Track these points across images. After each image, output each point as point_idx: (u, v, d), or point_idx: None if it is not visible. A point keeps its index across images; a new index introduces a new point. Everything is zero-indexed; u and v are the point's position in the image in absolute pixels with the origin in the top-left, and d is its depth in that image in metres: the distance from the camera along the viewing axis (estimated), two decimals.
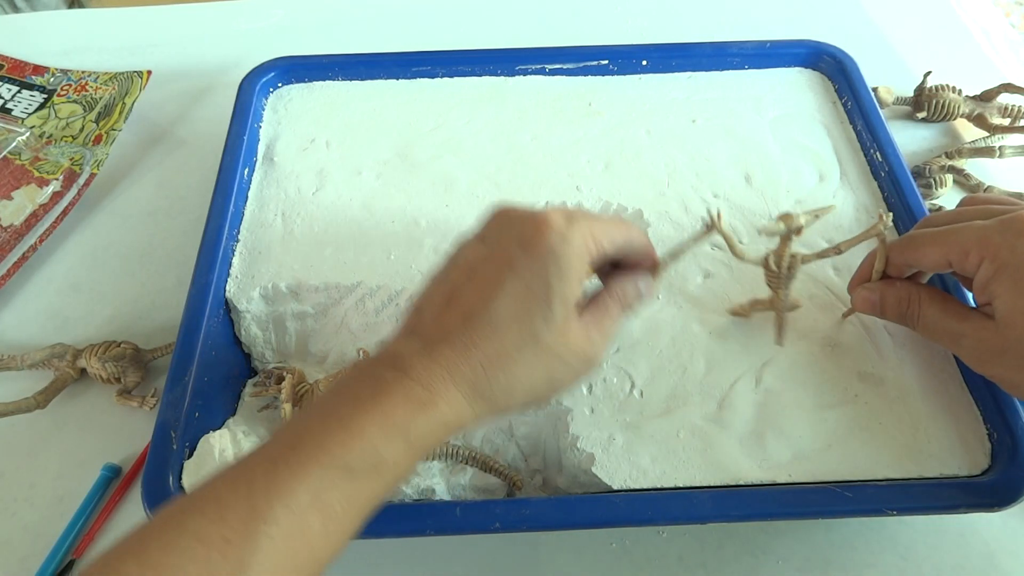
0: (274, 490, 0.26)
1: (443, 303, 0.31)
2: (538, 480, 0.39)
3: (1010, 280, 0.32)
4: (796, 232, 0.36)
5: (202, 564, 0.24)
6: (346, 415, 0.28)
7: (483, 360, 0.30)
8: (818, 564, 0.39)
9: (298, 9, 0.71)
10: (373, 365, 0.30)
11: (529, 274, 0.31)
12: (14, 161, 0.53)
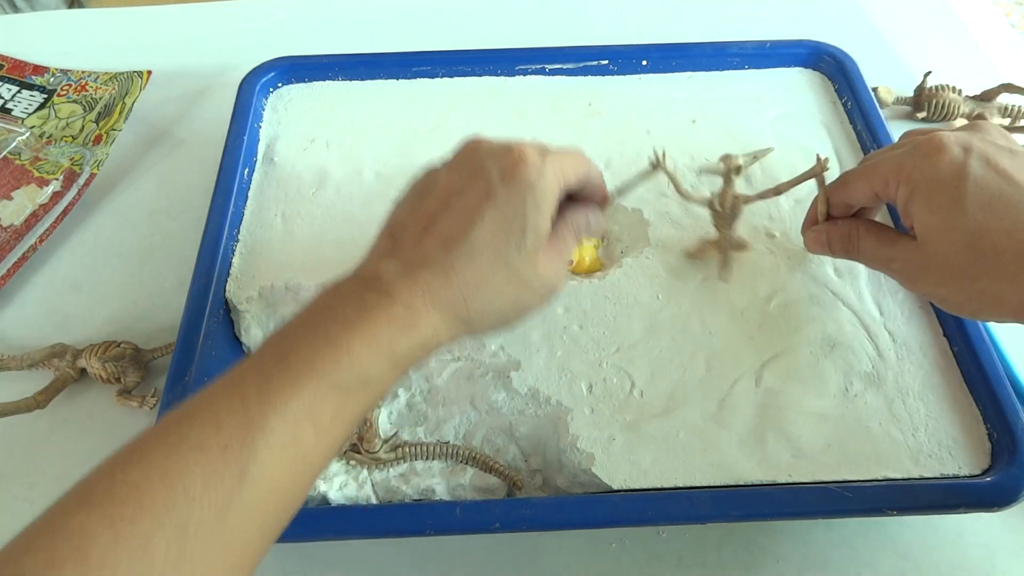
0: (268, 403, 0.27)
1: (421, 229, 0.33)
2: (538, 480, 0.39)
3: (922, 199, 0.33)
4: (735, 172, 0.38)
5: (204, 470, 0.25)
6: (334, 334, 0.29)
7: (461, 285, 0.31)
8: (818, 564, 0.39)
9: (298, 9, 0.70)
10: (354, 286, 0.31)
11: (508, 206, 0.32)
12: (14, 161, 0.53)
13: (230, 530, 0.25)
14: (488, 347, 0.41)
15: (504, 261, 0.32)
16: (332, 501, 0.37)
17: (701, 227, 0.46)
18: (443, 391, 0.40)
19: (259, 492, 0.26)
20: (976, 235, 0.32)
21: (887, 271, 0.38)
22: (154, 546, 0.23)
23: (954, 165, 0.33)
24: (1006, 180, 0.32)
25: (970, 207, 0.32)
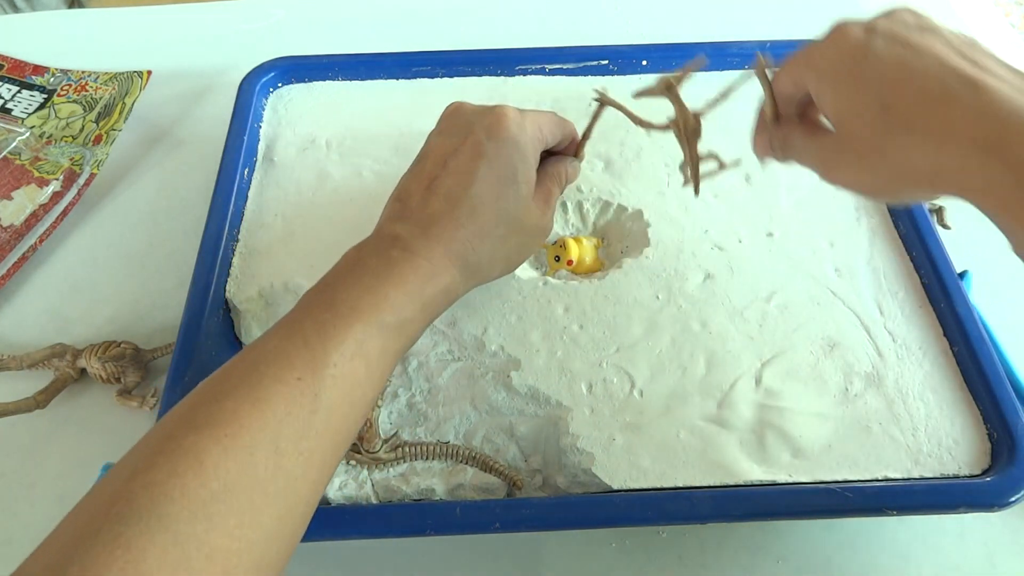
0: (329, 342, 0.30)
1: (424, 191, 0.36)
2: (538, 480, 0.39)
3: (829, 85, 0.33)
4: (669, 88, 0.39)
5: (285, 398, 0.28)
6: (371, 284, 0.33)
7: (469, 236, 0.35)
8: (818, 564, 0.39)
9: (298, 9, 0.71)
10: (378, 246, 0.35)
11: (498, 160, 0.36)
12: (14, 161, 0.53)
13: (311, 447, 0.29)
14: (488, 347, 0.41)
15: (503, 211, 0.36)
16: (332, 501, 0.37)
17: (700, 225, 0.46)
18: (443, 391, 0.40)
19: (328, 416, 0.29)
20: (881, 109, 0.31)
21: (812, 163, 0.37)
22: (256, 458, 0.27)
23: (856, 45, 0.32)
24: (912, 51, 0.31)
25: (872, 83, 0.31)
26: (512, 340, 0.41)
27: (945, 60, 0.30)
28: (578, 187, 0.48)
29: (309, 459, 0.28)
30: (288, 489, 0.27)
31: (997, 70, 0.30)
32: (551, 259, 0.46)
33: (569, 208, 0.48)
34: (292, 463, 0.28)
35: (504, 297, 0.43)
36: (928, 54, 0.31)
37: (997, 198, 0.28)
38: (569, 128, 0.41)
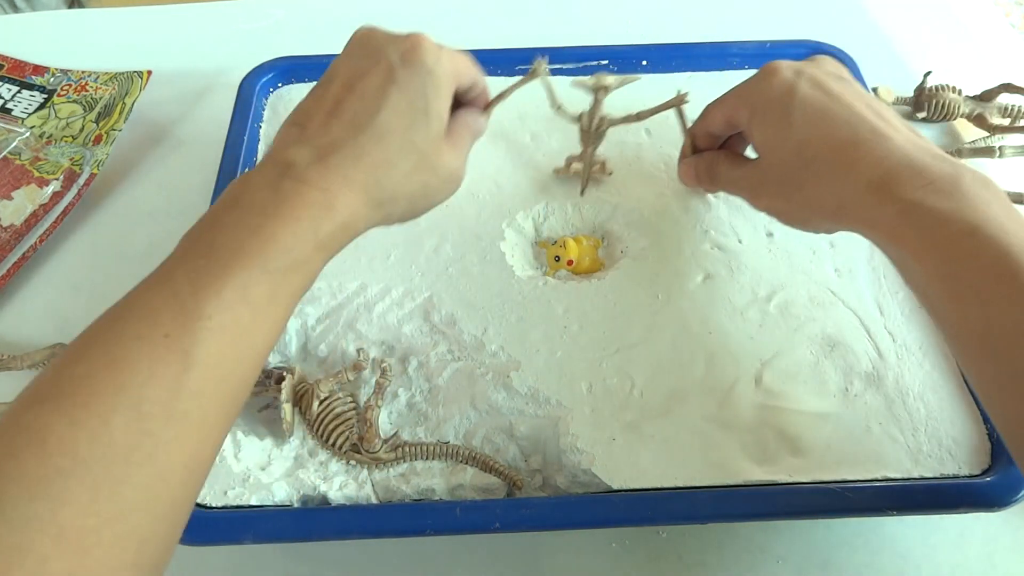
0: (201, 292, 0.27)
1: (327, 115, 0.33)
2: (538, 480, 0.39)
3: (759, 118, 0.37)
4: (603, 90, 0.41)
5: (150, 358, 0.26)
6: (255, 224, 0.29)
7: (372, 166, 0.33)
8: (818, 564, 0.39)
9: (298, 9, 0.70)
10: (268, 175, 0.31)
11: (410, 88, 0.34)
12: (14, 161, 0.53)
13: (185, 409, 0.26)
14: (488, 347, 0.41)
15: (411, 143, 0.34)
16: (332, 501, 0.37)
17: (700, 225, 0.46)
18: (443, 391, 0.40)
19: (207, 373, 0.26)
20: (801, 145, 0.34)
21: (738, 192, 0.41)
22: (112, 426, 0.24)
23: (785, 85, 0.35)
24: (829, 97, 0.35)
25: (796, 121, 0.35)
26: (512, 340, 0.41)
27: (856, 109, 0.34)
28: (578, 187, 0.48)
29: (184, 420, 0.26)
30: (158, 454, 0.25)
31: (896, 123, 0.34)
32: (551, 259, 0.46)
33: (569, 208, 0.48)
34: (160, 426, 0.25)
35: (504, 297, 0.43)
36: (844, 103, 0.34)
37: (884, 230, 0.32)
38: (482, 77, 0.39)
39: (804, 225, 0.38)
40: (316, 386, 0.39)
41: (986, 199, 0.30)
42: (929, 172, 0.31)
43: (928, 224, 0.30)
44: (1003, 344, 0.28)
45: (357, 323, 0.42)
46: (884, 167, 0.32)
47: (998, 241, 0.28)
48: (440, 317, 0.42)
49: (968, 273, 0.29)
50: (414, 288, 0.43)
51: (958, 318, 0.30)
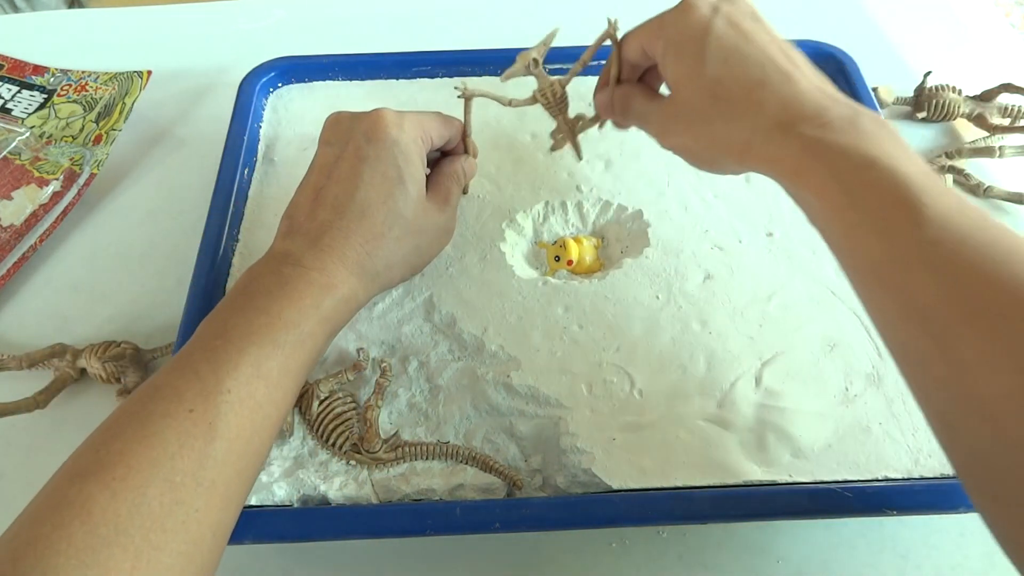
0: (221, 370, 0.30)
1: (311, 204, 0.36)
2: (538, 480, 0.39)
3: (674, 52, 0.36)
4: (533, 63, 0.41)
5: (177, 432, 0.28)
6: (263, 305, 0.32)
7: (361, 242, 0.35)
8: (818, 564, 0.39)
9: (298, 9, 0.70)
10: (270, 266, 0.35)
11: (380, 162, 0.36)
12: (14, 161, 0.53)
13: (212, 478, 0.28)
14: (488, 347, 0.41)
15: (394, 212, 0.37)
16: (332, 501, 0.37)
17: (700, 225, 0.46)
18: (443, 391, 0.40)
19: (229, 444, 0.29)
20: (713, 82, 0.35)
21: (649, 127, 0.41)
22: (149, 496, 0.26)
23: (701, 21, 0.35)
24: (743, 37, 0.35)
25: (710, 58, 0.35)
26: (512, 340, 0.41)
27: (768, 51, 0.34)
28: (578, 187, 0.48)
29: (212, 489, 0.28)
30: (190, 522, 0.27)
31: (805, 68, 0.35)
32: (551, 259, 0.46)
33: (569, 208, 0.48)
34: (191, 495, 0.27)
35: (504, 297, 0.43)
36: (757, 43, 0.35)
37: (787, 167, 0.32)
38: (456, 126, 0.42)
39: (711, 165, 0.38)
40: (316, 386, 0.39)
41: (882, 136, 0.31)
42: (830, 112, 0.32)
43: (828, 159, 0.31)
44: (897, 271, 0.28)
45: (357, 323, 0.42)
46: (790, 107, 0.33)
47: (894, 172, 0.29)
48: (440, 317, 0.42)
49: (866, 203, 0.29)
50: (414, 288, 0.43)
51: (856, 249, 0.30)
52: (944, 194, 0.28)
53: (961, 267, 0.27)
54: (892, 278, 0.28)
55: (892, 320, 0.29)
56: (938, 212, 0.28)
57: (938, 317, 0.27)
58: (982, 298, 0.26)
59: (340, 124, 0.39)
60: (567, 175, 0.49)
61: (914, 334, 0.28)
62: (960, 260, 0.27)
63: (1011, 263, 0.26)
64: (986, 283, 0.26)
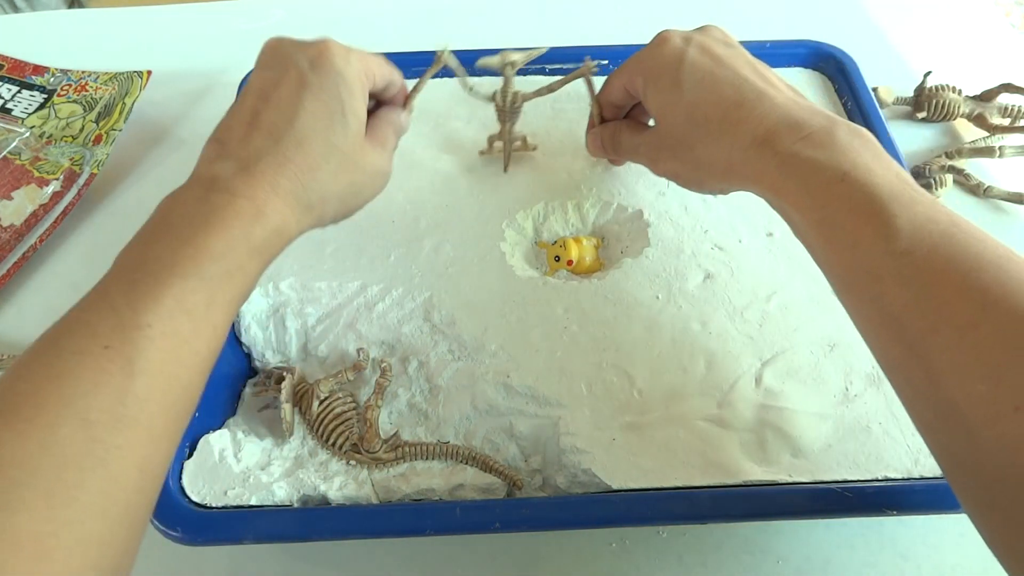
0: (139, 303, 0.28)
1: (246, 128, 0.34)
2: (538, 480, 0.39)
3: (653, 84, 0.38)
4: (510, 66, 0.42)
5: (91, 370, 0.26)
6: (187, 236, 0.30)
7: (296, 171, 0.34)
8: (818, 564, 0.39)
9: (298, 9, 0.71)
10: (195, 191, 0.32)
11: (323, 92, 0.35)
12: (14, 161, 0.53)
13: (132, 415, 0.26)
14: (488, 347, 0.41)
15: (332, 145, 0.35)
16: (332, 501, 0.37)
17: (700, 225, 0.46)
18: (443, 391, 0.40)
19: (151, 380, 0.27)
20: (691, 107, 0.36)
21: (639, 158, 0.42)
22: (60, 435, 0.25)
23: (675, 52, 0.37)
24: (717, 62, 0.36)
25: (686, 85, 0.36)
26: (512, 340, 0.41)
27: (741, 73, 0.36)
28: (578, 187, 0.48)
29: (134, 426, 0.26)
30: (109, 459, 0.25)
31: (779, 85, 0.36)
32: (551, 259, 0.46)
33: (569, 208, 0.48)
34: (108, 433, 0.26)
35: (504, 297, 0.43)
36: (729, 67, 0.36)
37: (768, 183, 0.33)
38: (398, 75, 0.41)
39: (700, 186, 0.39)
40: (316, 386, 0.39)
41: (857, 147, 0.31)
42: (806, 126, 0.32)
43: (804, 173, 0.31)
44: (872, 283, 0.29)
45: (357, 323, 0.42)
46: (766, 124, 0.33)
47: (865, 184, 0.30)
48: (440, 317, 0.42)
49: (839, 216, 0.30)
50: (414, 288, 0.43)
51: (834, 261, 0.31)
52: (915, 203, 0.29)
53: (930, 277, 0.27)
54: (867, 289, 0.29)
55: (872, 329, 0.30)
56: (909, 222, 0.28)
57: (911, 326, 0.27)
58: (951, 307, 0.26)
59: (281, 48, 0.37)
60: (567, 175, 0.49)
61: (891, 343, 0.29)
62: (929, 270, 0.27)
63: (979, 271, 0.27)
64: (954, 292, 0.27)
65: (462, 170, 0.49)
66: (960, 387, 0.26)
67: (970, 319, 0.26)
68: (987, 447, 0.25)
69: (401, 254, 0.45)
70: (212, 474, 0.36)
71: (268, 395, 0.40)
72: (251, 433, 0.39)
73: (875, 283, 0.29)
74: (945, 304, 0.27)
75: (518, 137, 0.47)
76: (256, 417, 0.41)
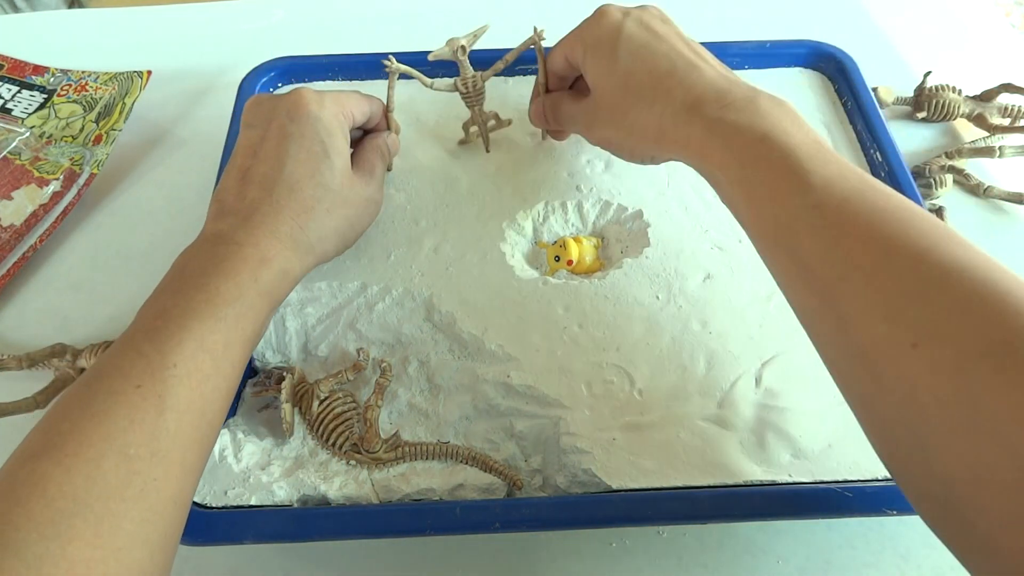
0: (165, 346, 0.30)
1: (240, 184, 0.37)
2: (538, 480, 0.39)
3: (592, 55, 0.40)
4: (461, 50, 0.43)
5: (127, 408, 0.28)
6: (200, 283, 0.33)
7: (292, 216, 0.37)
8: (818, 564, 0.39)
9: (298, 9, 0.71)
10: (203, 247, 0.35)
11: (304, 138, 0.38)
12: (14, 161, 0.53)
13: (166, 449, 0.29)
14: (488, 347, 0.41)
15: (321, 185, 0.38)
16: (332, 501, 0.37)
17: (700, 225, 0.46)
18: (443, 391, 0.40)
19: (180, 416, 0.29)
20: (627, 75, 0.38)
21: (577, 126, 0.44)
22: (104, 468, 0.27)
23: (614, 24, 0.40)
24: (653, 35, 0.39)
25: (623, 55, 0.39)
26: (512, 340, 0.41)
27: (675, 47, 0.38)
28: (578, 187, 0.48)
29: (167, 459, 0.28)
30: (148, 490, 0.27)
31: (710, 60, 0.38)
32: (551, 259, 0.46)
33: (569, 208, 0.48)
34: (146, 466, 0.28)
35: (504, 297, 0.43)
36: (664, 40, 0.39)
37: (695, 147, 0.35)
38: (376, 105, 0.44)
39: (632, 153, 0.41)
40: (316, 386, 0.39)
41: (777, 114, 0.33)
42: (731, 94, 0.35)
43: (727, 135, 0.34)
44: (788, 235, 0.31)
45: (357, 323, 0.42)
46: (695, 92, 0.36)
47: (782, 145, 0.32)
48: (440, 317, 0.42)
49: (759, 174, 0.32)
50: (414, 288, 0.43)
51: (754, 217, 0.33)
52: (828, 163, 0.31)
53: (840, 228, 0.29)
54: (784, 241, 0.31)
55: (789, 281, 0.32)
56: (821, 178, 0.30)
57: (822, 275, 0.29)
58: (858, 255, 0.28)
59: (261, 106, 0.40)
60: (567, 175, 0.49)
61: (805, 293, 0.31)
62: (839, 221, 0.29)
63: (883, 222, 0.28)
64: (861, 241, 0.28)
65: (462, 170, 0.49)
66: (865, 329, 0.27)
67: (874, 265, 0.28)
68: (890, 386, 0.27)
69: (401, 254, 0.45)
70: (212, 474, 0.36)
71: (268, 395, 0.40)
72: (251, 433, 0.39)
73: (790, 235, 0.30)
74: (852, 252, 0.28)
75: (490, 116, 0.48)
76: (256, 417, 0.41)
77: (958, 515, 0.25)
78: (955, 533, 0.27)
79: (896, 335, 0.26)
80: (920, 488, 0.27)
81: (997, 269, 0.26)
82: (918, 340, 0.26)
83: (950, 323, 0.25)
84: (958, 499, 0.25)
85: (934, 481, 0.26)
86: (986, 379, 0.24)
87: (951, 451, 0.25)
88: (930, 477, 0.26)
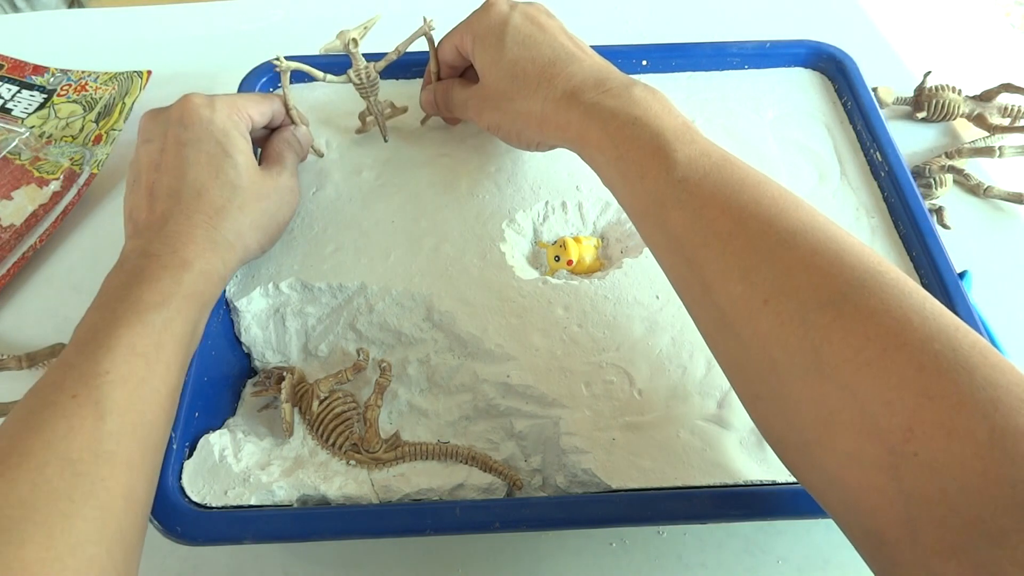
0: (96, 355, 0.31)
1: (149, 199, 0.38)
2: (538, 480, 0.39)
3: (480, 44, 0.42)
4: (352, 42, 0.43)
5: (66, 416, 0.29)
6: (124, 295, 0.33)
7: (204, 219, 0.37)
8: (818, 564, 0.39)
9: (298, 9, 0.71)
10: (124, 265, 0.35)
11: (201, 142, 0.38)
12: (14, 161, 0.53)
13: (110, 450, 0.29)
14: (488, 346, 0.41)
15: (229, 184, 0.38)
16: (332, 501, 0.37)
17: None
18: (443, 391, 0.40)
19: (122, 418, 0.30)
20: (512, 64, 0.40)
21: (467, 112, 0.46)
22: (48, 475, 0.27)
23: (501, 15, 0.42)
24: (538, 27, 0.41)
25: (509, 45, 0.41)
26: (512, 340, 0.41)
27: (558, 39, 0.41)
28: (578, 187, 0.48)
29: (112, 460, 0.29)
30: (97, 489, 0.28)
31: (590, 52, 0.41)
32: (551, 259, 0.46)
33: (569, 208, 0.48)
34: (91, 468, 0.28)
35: (504, 297, 0.43)
36: (548, 32, 0.41)
37: (574, 131, 0.37)
38: (276, 103, 0.44)
39: (518, 138, 0.43)
40: (316, 386, 0.39)
41: (648, 99, 0.36)
42: (608, 82, 0.37)
43: (603, 118, 0.36)
44: (658, 208, 0.33)
45: (357, 323, 0.42)
46: (574, 81, 0.38)
47: (653, 127, 0.34)
48: (440, 317, 0.42)
49: (632, 154, 0.34)
50: (414, 288, 0.43)
51: (629, 195, 0.35)
52: (694, 142, 0.34)
53: (701, 200, 0.32)
54: (655, 215, 0.33)
55: (661, 253, 0.34)
56: (686, 156, 0.33)
57: (688, 243, 0.32)
58: (716, 223, 0.31)
59: (155, 119, 0.40)
60: (567, 175, 0.49)
61: (675, 262, 0.33)
62: (701, 194, 0.32)
63: (741, 192, 0.31)
64: (720, 211, 0.31)
65: (462, 170, 0.49)
66: (724, 291, 0.30)
67: (730, 231, 0.30)
68: (748, 342, 0.29)
69: (401, 254, 0.45)
70: (212, 474, 0.36)
71: (268, 395, 0.40)
72: (251, 433, 0.39)
73: (660, 209, 0.33)
74: (712, 221, 0.31)
75: (386, 105, 0.49)
76: (256, 417, 0.41)
77: (811, 457, 0.27)
78: (809, 475, 0.28)
79: (750, 294, 0.29)
80: (782, 439, 0.29)
81: (838, 229, 0.29)
82: (768, 297, 0.28)
83: (795, 279, 0.28)
84: (809, 443, 0.27)
85: (791, 429, 0.28)
86: (826, 326, 0.26)
87: (801, 397, 0.27)
88: (788, 427, 0.28)
